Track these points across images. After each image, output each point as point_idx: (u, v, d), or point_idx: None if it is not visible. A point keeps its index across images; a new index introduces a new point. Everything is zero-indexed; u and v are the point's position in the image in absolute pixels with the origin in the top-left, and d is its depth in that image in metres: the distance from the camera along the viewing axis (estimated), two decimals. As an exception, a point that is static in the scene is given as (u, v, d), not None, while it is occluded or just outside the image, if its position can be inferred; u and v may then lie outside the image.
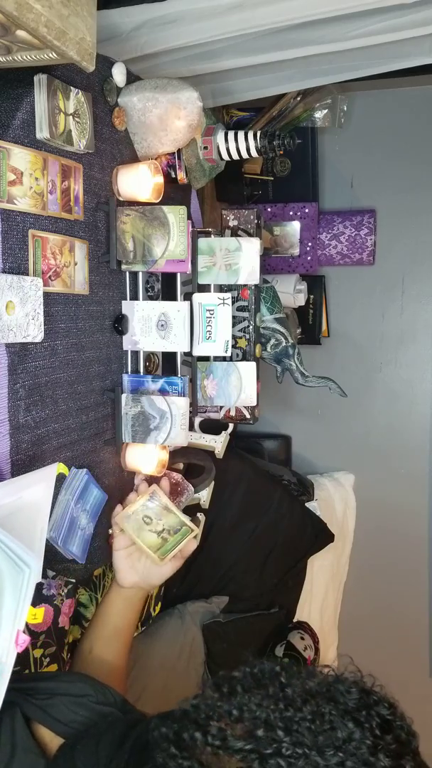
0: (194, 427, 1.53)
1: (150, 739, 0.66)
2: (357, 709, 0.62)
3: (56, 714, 0.81)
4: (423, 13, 1.13)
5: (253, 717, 0.62)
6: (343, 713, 0.61)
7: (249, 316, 1.36)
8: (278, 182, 2.17)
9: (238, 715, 0.63)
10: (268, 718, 0.61)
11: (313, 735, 0.59)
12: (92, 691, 0.84)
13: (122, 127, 1.23)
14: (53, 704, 0.81)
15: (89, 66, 0.87)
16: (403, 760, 0.59)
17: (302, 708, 0.61)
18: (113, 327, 1.24)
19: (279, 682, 0.66)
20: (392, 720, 0.62)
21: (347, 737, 0.59)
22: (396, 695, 0.66)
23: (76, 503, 1.09)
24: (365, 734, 0.59)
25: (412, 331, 2.35)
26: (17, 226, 0.95)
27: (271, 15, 1.13)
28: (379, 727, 0.60)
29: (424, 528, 2.42)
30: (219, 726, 0.62)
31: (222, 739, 0.61)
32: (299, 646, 1.83)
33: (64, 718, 0.81)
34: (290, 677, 0.66)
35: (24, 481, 0.92)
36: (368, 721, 0.60)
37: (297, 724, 0.60)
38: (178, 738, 0.63)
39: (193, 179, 1.44)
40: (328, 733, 0.59)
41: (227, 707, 0.64)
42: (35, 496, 0.90)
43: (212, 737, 0.61)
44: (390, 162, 2.26)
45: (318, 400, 2.36)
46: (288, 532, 1.96)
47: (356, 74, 1.39)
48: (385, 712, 0.63)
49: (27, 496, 0.89)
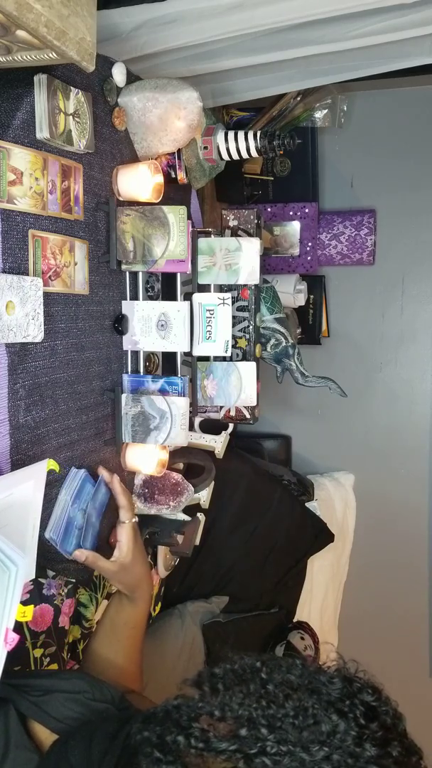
0: (194, 427, 1.53)
1: (133, 743, 0.65)
2: (340, 700, 0.61)
3: (50, 710, 0.80)
4: (423, 13, 1.13)
5: (236, 716, 0.61)
6: (326, 705, 0.60)
7: (249, 316, 1.36)
8: (278, 182, 2.17)
9: (220, 714, 0.62)
10: (251, 717, 0.60)
11: (298, 731, 0.58)
12: (88, 688, 0.83)
13: (122, 127, 1.23)
14: (48, 701, 0.81)
15: (89, 66, 0.87)
16: (390, 747, 0.59)
17: (285, 704, 0.61)
18: (113, 327, 1.24)
19: (260, 678, 0.65)
20: (377, 706, 0.62)
21: (332, 730, 0.58)
22: (396, 695, 0.66)
23: (76, 503, 1.09)
24: (350, 725, 0.59)
25: (412, 331, 2.35)
26: (17, 226, 0.95)
27: (271, 15, 1.13)
28: (363, 716, 0.60)
29: (424, 528, 2.42)
30: (202, 727, 0.62)
31: (205, 740, 0.60)
32: (299, 646, 1.83)
33: (58, 715, 0.80)
34: (271, 672, 0.65)
35: (13, 478, 0.91)
36: (352, 710, 0.60)
37: (280, 721, 0.59)
38: (161, 741, 0.63)
39: (193, 179, 1.44)
40: (313, 727, 0.59)
41: (209, 707, 0.63)
42: (25, 493, 0.90)
43: (195, 739, 0.61)
44: (390, 162, 2.26)
45: (318, 400, 2.36)
46: (288, 532, 1.96)
47: (356, 74, 1.39)
48: (369, 699, 0.62)
49: (17, 494, 0.89)
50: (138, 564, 1.08)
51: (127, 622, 1.07)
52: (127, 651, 1.05)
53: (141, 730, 0.65)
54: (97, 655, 1.03)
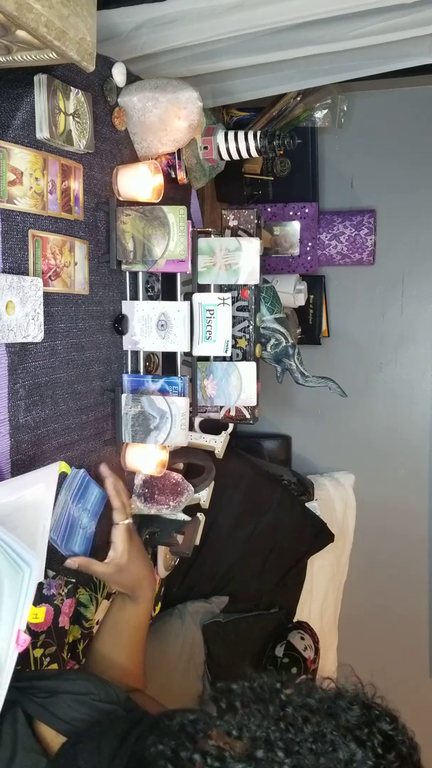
0: (194, 427, 1.53)
1: (147, 755, 0.64)
2: (359, 727, 0.60)
3: (58, 712, 0.80)
4: (423, 13, 1.13)
5: (253, 737, 0.60)
6: (344, 732, 0.60)
7: (249, 316, 1.36)
8: (278, 182, 2.17)
9: (237, 734, 0.61)
10: (268, 738, 0.60)
11: (315, 756, 0.58)
12: (94, 689, 0.83)
13: (122, 127, 1.23)
14: (55, 702, 0.81)
15: (89, 66, 0.87)
16: None
17: (303, 728, 0.60)
18: (113, 327, 1.24)
19: (279, 699, 0.64)
20: (394, 735, 0.61)
21: (349, 758, 0.58)
22: (396, 695, 0.66)
23: (76, 503, 1.08)
24: (367, 754, 0.58)
25: (412, 331, 2.35)
26: (17, 226, 0.95)
27: (271, 15, 1.13)
28: (381, 746, 0.59)
29: (424, 528, 2.42)
30: (218, 745, 0.61)
31: (220, 759, 0.60)
32: (299, 646, 1.83)
33: (66, 716, 0.80)
34: (291, 695, 0.64)
35: (25, 479, 0.91)
36: (370, 739, 0.59)
37: (298, 745, 0.59)
38: (175, 757, 0.62)
39: (193, 179, 1.44)
40: (330, 754, 0.58)
41: (226, 726, 0.62)
42: (37, 495, 0.90)
43: (211, 758, 0.60)
44: (390, 162, 2.26)
45: (318, 400, 2.36)
46: (288, 532, 1.96)
47: (356, 74, 1.39)
48: (387, 728, 0.61)
49: (29, 495, 0.88)
50: (135, 564, 1.07)
51: (129, 621, 1.06)
52: (130, 651, 1.05)
53: (155, 743, 0.64)
54: (100, 655, 1.03)
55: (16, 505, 0.85)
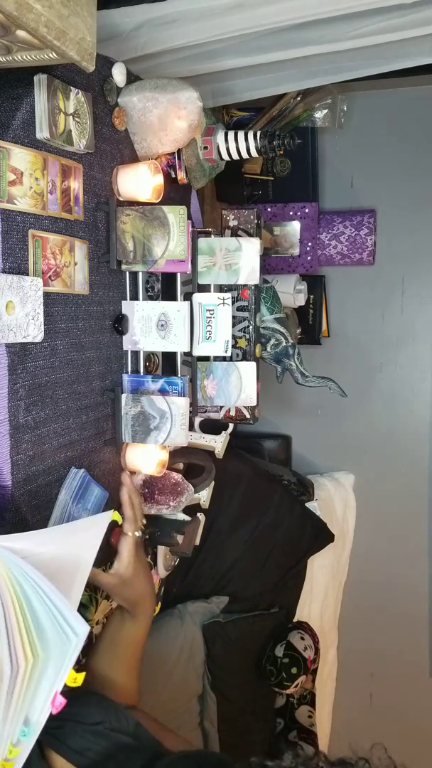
0: (194, 427, 1.53)
1: None
2: None
3: (71, 743, 0.79)
4: (423, 13, 1.13)
5: None
6: None
7: (249, 316, 1.36)
8: (278, 182, 2.17)
9: None
10: None
11: None
12: (105, 717, 0.82)
13: (122, 127, 1.23)
14: (66, 732, 0.80)
15: (89, 66, 0.87)
16: None
17: None
18: (113, 327, 1.24)
19: None
20: None
21: None
22: (396, 695, 0.66)
23: (76, 503, 1.09)
24: None
25: (412, 331, 2.35)
26: (17, 226, 0.95)
27: (271, 15, 1.13)
28: None
29: (424, 527, 2.42)
30: None
31: None
32: (299, 646, 1.84)
33: (78, 746, 0.79)
34: None
35: (74, 526, 0.89)
36: None
37: None
38: None
39: (193, 179, 1.44)
40: None
41: None
42: (82, 544, 0.85)
43: None
44: (390, 162, 2.26)
45: (318, 400, 2.36)
46: (288, 532, 1.97)
47: (356, 74, 1.39)
48: None
49: (73, 543, 0.85)
50: (140, 580, 1.04)
51: (128, 639, 1.04)
52: (127, 667, 1.03)
53: None
54: (96, 674, 1.01)
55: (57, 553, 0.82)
